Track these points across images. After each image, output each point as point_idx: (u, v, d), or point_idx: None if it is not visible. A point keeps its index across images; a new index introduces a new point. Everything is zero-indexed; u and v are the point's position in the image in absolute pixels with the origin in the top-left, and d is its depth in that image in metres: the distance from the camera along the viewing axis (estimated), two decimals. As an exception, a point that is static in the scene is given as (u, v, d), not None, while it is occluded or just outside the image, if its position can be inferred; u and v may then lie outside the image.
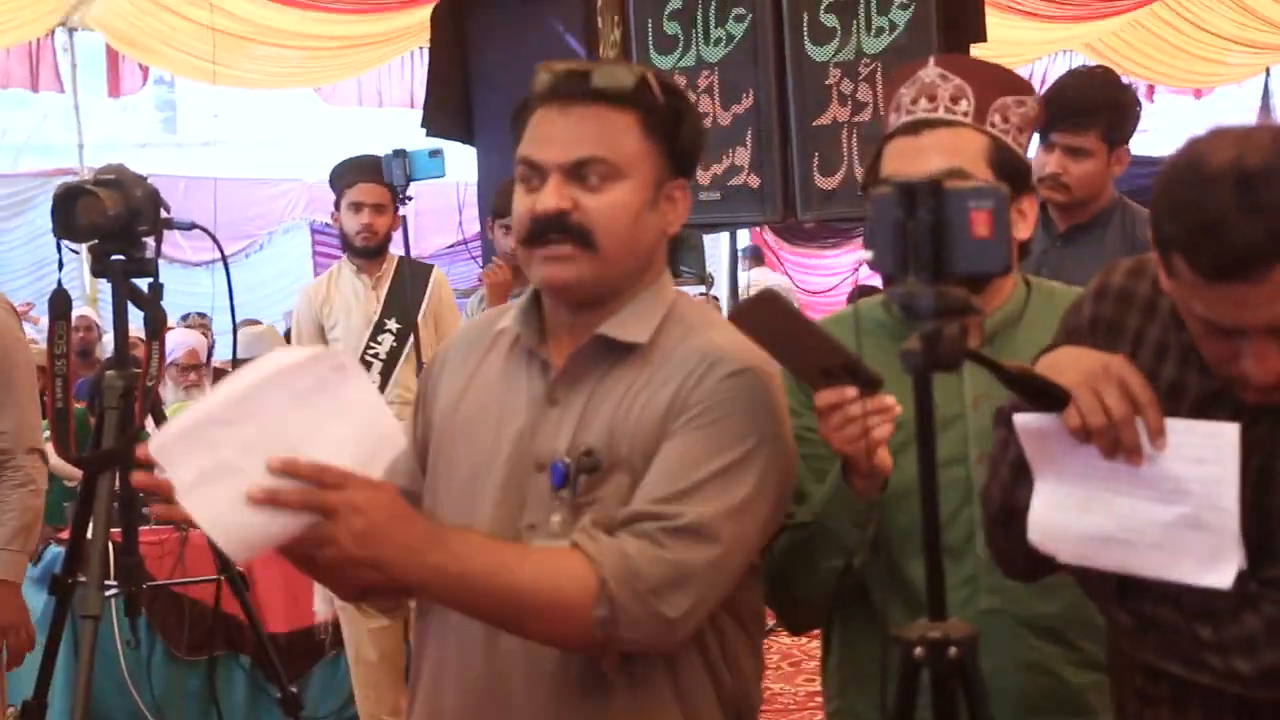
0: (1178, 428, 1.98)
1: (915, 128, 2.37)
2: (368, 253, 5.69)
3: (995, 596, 2.36)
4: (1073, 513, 2.03)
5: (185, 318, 10.81)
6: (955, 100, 2.36)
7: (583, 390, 2.17)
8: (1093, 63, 12.38)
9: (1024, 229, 2.42)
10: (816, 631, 2.58)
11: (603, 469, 2.12)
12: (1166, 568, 1.99)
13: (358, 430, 1.90)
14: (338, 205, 5.73)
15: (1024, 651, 2.36)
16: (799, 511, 2.34)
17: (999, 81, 2.39)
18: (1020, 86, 2.42)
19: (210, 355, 9.63)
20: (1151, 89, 16.49)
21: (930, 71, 2.39)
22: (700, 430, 2.10)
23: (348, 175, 5.68)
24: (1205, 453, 1.97)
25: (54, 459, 4.40)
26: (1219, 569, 1.96)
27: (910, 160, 2.33)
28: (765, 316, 2.08)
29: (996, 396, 2.22)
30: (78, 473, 5.81)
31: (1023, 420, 2.05)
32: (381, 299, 5.69)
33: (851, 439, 2.13)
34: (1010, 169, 2.35)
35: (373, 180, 5.59)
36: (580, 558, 2.02)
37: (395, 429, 1.97)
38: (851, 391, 2.11)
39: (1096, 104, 4.16)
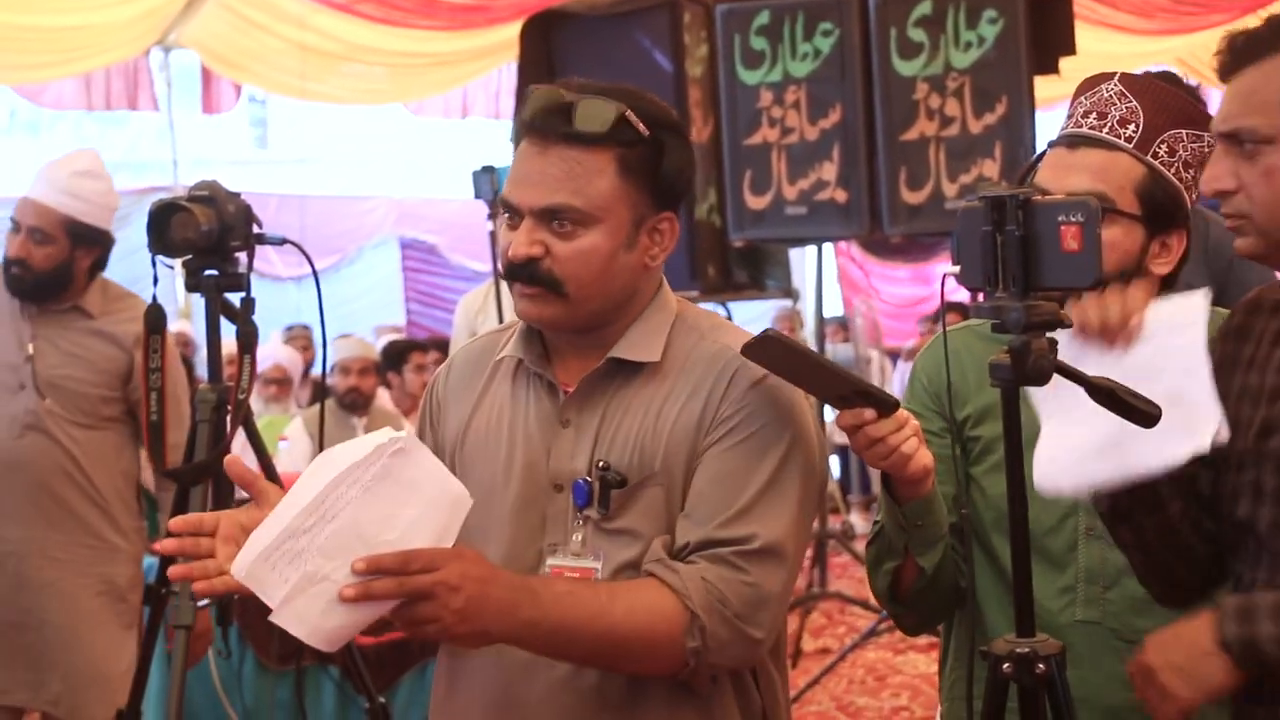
0: (1155, 306, 2.08)
1: (1074, 142, 2.36)
2: None
3: (1093, 608, 2.36)
4: (1070, 439, 2.07)
5: (290, 329, 10.90)
6: (1124, 123, 2.34)
7: (595, 410, 2.20)
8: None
9: (1164, 264, 2.38)
10: (901, 646, 2.60)
11: (631, 484, 2.15)
12: (1157, 454, 2.02)
13: (429, 506, 1.95)
14: (495, 225, 5.84)
15: (1116, 665, 2.34)
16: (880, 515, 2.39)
17: (1178, 113, 2.35)
18: (1200, 120, 2.36)
19: (310, 368, 9.74)
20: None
21: (1111, 87, 2.37)
22: (739, 446, 2.14)
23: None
24: (1177, 320, 2.05)
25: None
26: (1197, 434, 2.01)
27: (1059, 175, 2.32)
28: (771, 354, 2.11)
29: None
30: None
31: None
32: None
33: (881, 456, 2.16)
34: (1159, 203, 2.33)
35: None
36: (665, 591, 2.08)
37: (462, 492, 2.01)
38: (869, 413, 2.13)
39: None
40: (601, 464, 2.15)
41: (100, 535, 4.34)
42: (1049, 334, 1.99)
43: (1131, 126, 2.34)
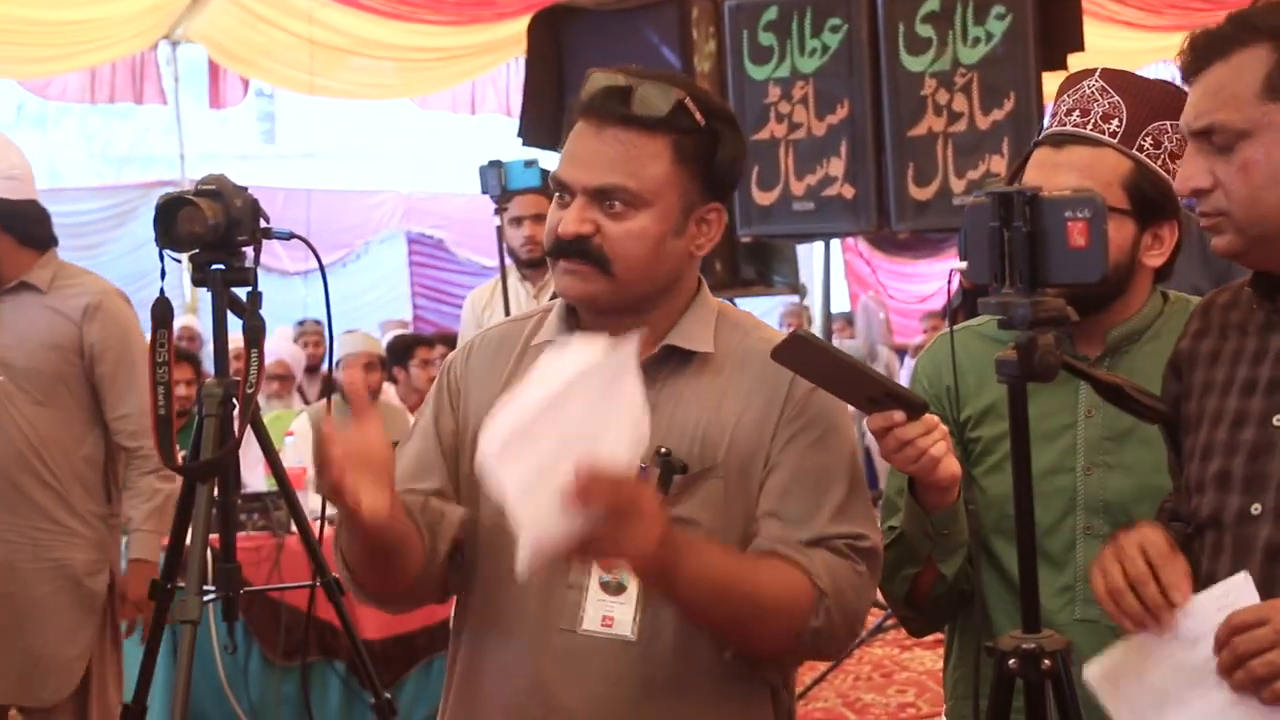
0: (1199, 599, 1.99)
1: (1059, 141, 2.36)
2: (534, 263, 5.81)
3: (1092, 606, 2.34)
4: None
5: (301, 324, 10.89)
6: (1107, 118, 2.34)
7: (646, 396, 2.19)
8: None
9: (1157, 256, 2.39)
10: (908, 643, 2.60)
11: (692, 472, 2.15)
12: None
13: (630, 428, 1.92)
14: (502, 219, 5.84)
15: None
16: (896, 520, 2.37)
17: (1160, 104, 2.35)
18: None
19: (321, 362, 9.73)
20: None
21: (1093, 83, 2.37)
22: (815, 445, 2.17)
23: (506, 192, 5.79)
24: (1231, 608, 1.97)
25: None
26: None
27: (1046, 174, 2.31)
28: (801, 356, 2.10)
29: (1111, 408, 2.21)
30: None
31: (1090, 672, 2.07)
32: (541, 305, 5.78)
33: (910, 459, 2.15)
34: (1148, 196, 2.33)
35: (529, 192, 5.71)
36: (796, 570, 2.10)
37: (648, 431, 1.96)
38: (899, 415, 2.12)
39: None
40: (664, 450, 2.15)
41: (54, 519, 4.30)
42: None
43: (1115, 121, 2.34)
